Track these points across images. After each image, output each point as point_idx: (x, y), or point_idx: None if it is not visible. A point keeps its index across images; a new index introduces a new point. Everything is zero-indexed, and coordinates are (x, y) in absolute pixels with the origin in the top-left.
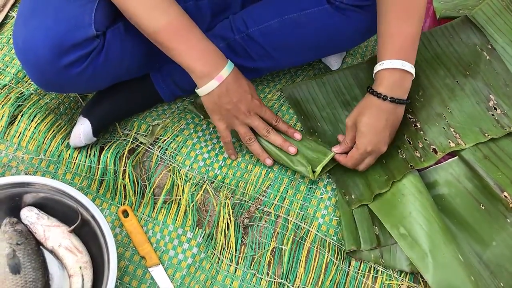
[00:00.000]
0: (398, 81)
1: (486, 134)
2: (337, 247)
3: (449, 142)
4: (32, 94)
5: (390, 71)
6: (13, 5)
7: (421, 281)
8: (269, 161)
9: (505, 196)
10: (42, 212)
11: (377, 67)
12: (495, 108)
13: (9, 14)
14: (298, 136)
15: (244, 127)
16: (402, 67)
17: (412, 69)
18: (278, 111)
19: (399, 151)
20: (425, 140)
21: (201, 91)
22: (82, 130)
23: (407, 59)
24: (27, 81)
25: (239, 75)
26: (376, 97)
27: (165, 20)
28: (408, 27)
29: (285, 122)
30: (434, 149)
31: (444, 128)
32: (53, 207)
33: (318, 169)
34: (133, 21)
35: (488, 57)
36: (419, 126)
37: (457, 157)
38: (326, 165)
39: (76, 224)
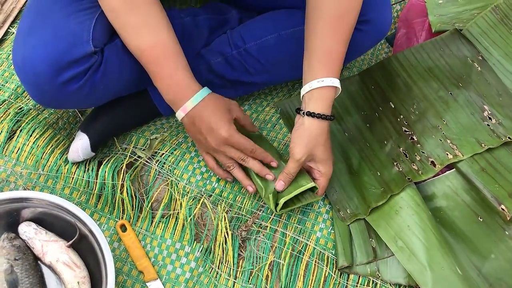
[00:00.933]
0: (332, 98)
1: (482, 144)
2: (336, 261)
3: (447, 154)
4: (31, 109)
5: (329, 89)
6: (13, 22)
7: None
8: (250, 189)
9: (503, 209)
10: (40, 227)
11: (315, 84)
12: (489, 118)
13: (9, 30)
14: (274, 164)
15: (221, 156)
16: (338, 85)
17: (339, 85)
18: (275, 125)
19: (394, 163)
20: (423, 153)
21: (177, 116)
22: (81, 145)
23: (338, 76)
24: (26, 96)
25: (207, 108)
26: (321, 120)
27: (151, 41)
28: (341, 46)
29: (264, 151)
30: (432, 162)
31: (441, 140)
32: (51, 222)
33: (281, 202)
34: (122, 37)
35: (479, 68)
36: (415, 139)
37: (454, 169)
38: (300, 199)
39: (74, 239)
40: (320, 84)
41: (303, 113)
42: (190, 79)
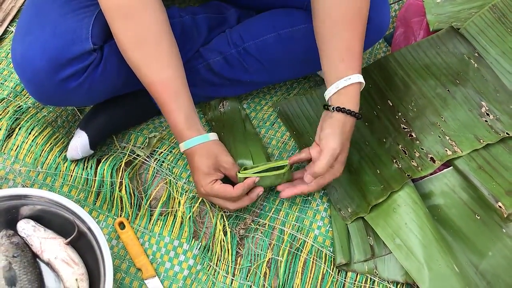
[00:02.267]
0: (359, 94)
1: (481, 140)
2: (334, 258)
3: (446, 150)
4: (30, 107)
5: (355, 86)
6: (12, 20)
7: None
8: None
9: (500, 206)
10: (39, 224)
11: (342, 83)
12: (487, 114)
13: (8, 28)
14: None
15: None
16: (362, 80)
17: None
18: (274, 123)
19: (394, 161)
20: (422, 149)
21: None
22: (79, 142)
23: (360, 72)
24: (25, 94)
25: (193, 157)
26: (350, 116)
27: (162, 76)
28: (360, 41)
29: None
30: (431, 158)
31: (439, 137)
32: (50, 220)
33: (248, 172)
34: (133, 68)
35: (476, 65)
36: (414, 136)
37: (451, 167)
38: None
39: (72, 236)
40: (347, 83)
41: (333, 108)
42: (187, 124)
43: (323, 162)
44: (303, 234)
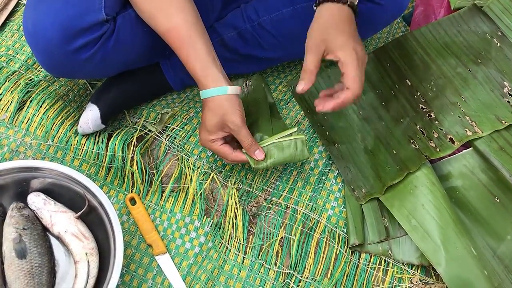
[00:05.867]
0: None
1: (503, 121)
2: (347, 239)
3: (466, 130)
4: (41, 80)
5: None
6: None
7: (433, 274)
8: (261, 155)
9: None
10: (49, 197)
11: None
12: (510, 95)
13: (20, 1)
14: (260, 156)
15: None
16: None
17: None
18: (288, 102)
19: (411, 141)
20: (441, 130)
21: None
22: (91, 116)
23: None
24: (36, 67)
25: (205, 108)
26: (338, 5)
27: (175, 21)
28: None
29: (242, 154)
30: (451, 139)
31: (459, 117)
32: (60, 193)
33: (262, 143)
34: (147, 20)
35: (498, 44)
36: (433, 116)
37: (471, 148)
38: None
39: (83, 210)
40: None
41: (317, 2)
42: (204, 72)
43: (304, 66)
44: (316, 214)
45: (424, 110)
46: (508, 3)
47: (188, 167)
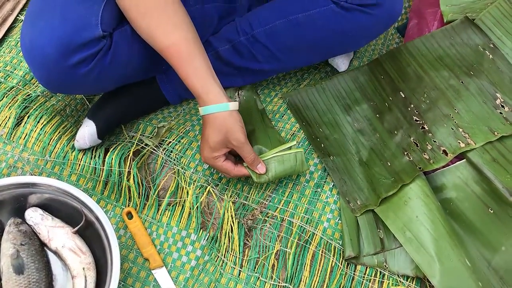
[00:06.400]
0: None
1: (495, 132)
2: (343, 251)
3: (459, 142)
4: (39, 96)
5: None
6: (22, 9)
7: (428, 286)
8: (263, 169)
9: None
10: (47, 213)
11: None
12: (502, 106)
13: (18, 17)
14: (262, 170)
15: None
16: None
17: None
18: (283, 115)
19: (405, 153)
20: (434, 141)
21: None
22: (87, 132)
23: None
24: (34, 83)
25: (206, 126)
26: None
27: (173, 38)
28: None
29: (244, 168)
30: (444, 151)
31: (452, 129)
32: (58, 208)
33: (262, 156)
34: (145, 37)
35: (491, 56)
36: (427, 128)
37: (464, 160)
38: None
39: (80, 225)
40: None
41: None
42: (204, 88)
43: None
44: (312, 226)
45: (418, 122)
46: (499, 16)
47: (185, 181)
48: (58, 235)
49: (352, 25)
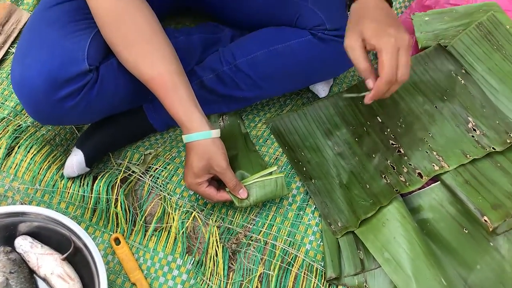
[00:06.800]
0: None
1: (468, 155)
2: (324, 272)
3: (433, 165)
4: (29, 126)
5: None
6: (13, 42)
7: None
8: (244, 194)
9: (485, 220)
10: (36, 240)
11: None
12: (474, 130)
13: (9, 50)
14: (243, 195)
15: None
16: None
17: None
18: (267, 139)
19: (383, 176)
20: (410, 165)
21: None
22: (75, 161)
23: None
24: (25, 114)
25: (190, 153)
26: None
27: (158, 70)
28: None
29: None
30: (419, 174)
31: (427, 152)
32: (47, 236)
33: (244, 181)
34: (130, 68)
35: (462, 81)
36: (402, 152)
37: (439, 182)
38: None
39: (68, 252)
40: None
41: (349, 2)
42: (187, 117)
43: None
44: (295, 248)
45: (394, 146)
46: (470, 43)
47: (171, 206)
48: (47, 262)
49: (329, 54)
